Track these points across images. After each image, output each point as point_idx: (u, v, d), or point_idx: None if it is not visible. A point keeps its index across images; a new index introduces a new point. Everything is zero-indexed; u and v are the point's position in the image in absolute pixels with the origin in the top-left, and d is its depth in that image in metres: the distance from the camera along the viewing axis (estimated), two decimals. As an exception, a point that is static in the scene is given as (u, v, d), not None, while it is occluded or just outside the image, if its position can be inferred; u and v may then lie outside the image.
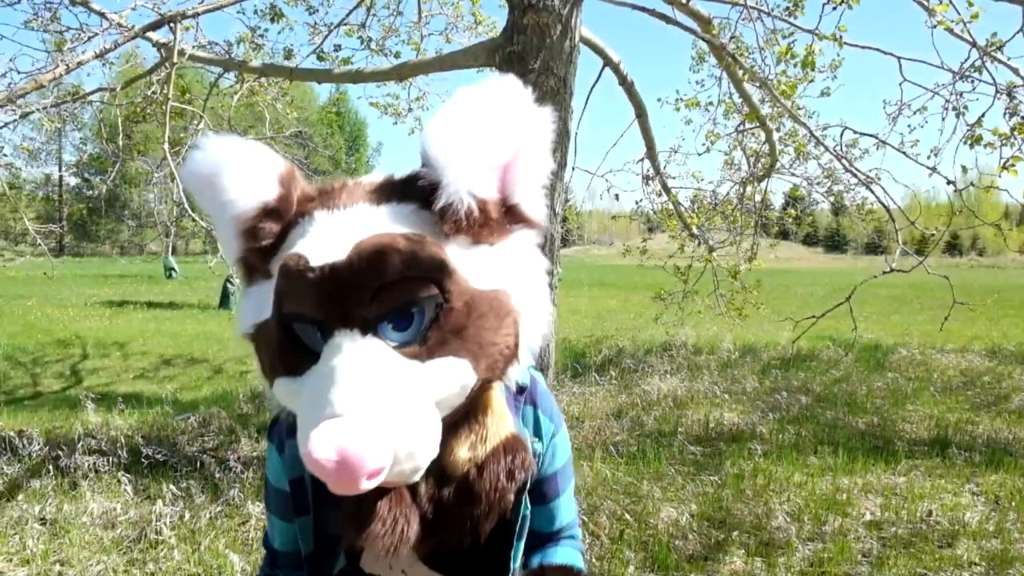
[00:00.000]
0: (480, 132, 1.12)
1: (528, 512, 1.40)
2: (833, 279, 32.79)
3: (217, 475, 4.89)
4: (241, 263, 1.22)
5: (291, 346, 1.12)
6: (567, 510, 1.50)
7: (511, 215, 1.20)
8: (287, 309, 1.11)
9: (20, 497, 4.50)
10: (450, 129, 1.12)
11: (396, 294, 1.07)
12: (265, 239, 1.17)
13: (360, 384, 1.03)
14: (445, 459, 1.22)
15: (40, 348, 11.18)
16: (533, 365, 1.43)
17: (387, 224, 1.11)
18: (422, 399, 1.08)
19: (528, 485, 1.37)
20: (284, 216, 1.17)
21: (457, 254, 1.13)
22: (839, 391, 8.09)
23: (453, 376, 1.11)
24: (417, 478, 1.12)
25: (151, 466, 5.07)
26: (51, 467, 4.89)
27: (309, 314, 1.09)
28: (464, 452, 1.25)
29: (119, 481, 4.67)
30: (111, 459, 4.98)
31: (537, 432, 1.40)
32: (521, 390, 1.39)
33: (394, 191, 1.18)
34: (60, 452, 5.06)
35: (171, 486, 4.57)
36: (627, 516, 4.35)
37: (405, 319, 1.09)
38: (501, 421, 1.28)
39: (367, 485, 1.00)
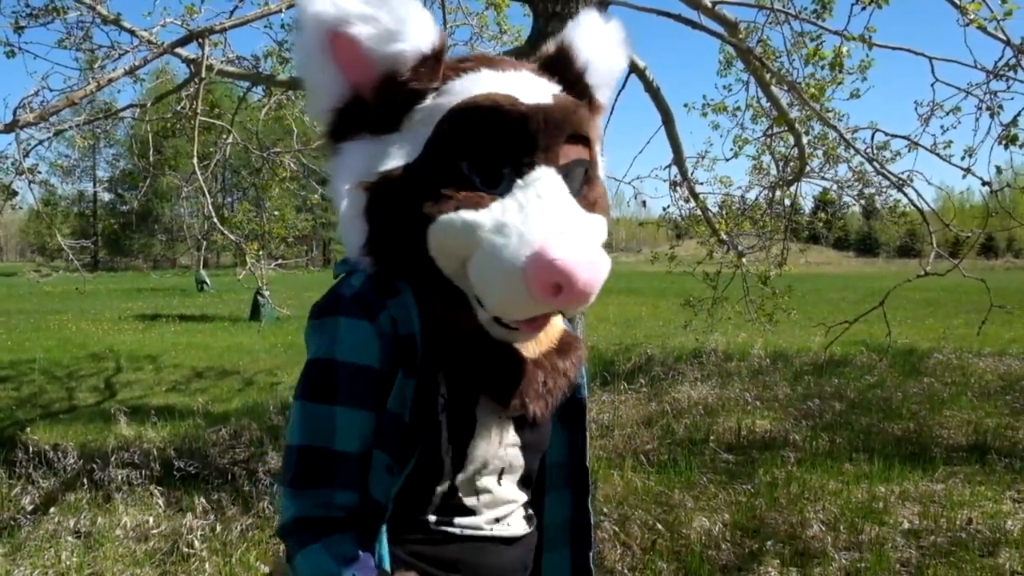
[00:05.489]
0: (607, 43, 1.34)
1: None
2: (865, 283, 32.37)
3: (247, 487, 4.90)
4: (341, 113, 1.21)
5: (463, 183, 1.15)
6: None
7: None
8: (482, 145, 1.15)
9: (55, 510, 4.55)
10: (593, 35, 1.32)
11: (578, 147, 1.22)
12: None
13: (574, 212, 1.17)
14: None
15: (75, 362, 11.33)
16: None
17: (559, 91, 1.24)
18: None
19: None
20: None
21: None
22: (874, 397, 7.96)
23: (603, 232, 1.24)
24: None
25: (183, 479, 5.10)
26: (85, 480, 4.94)
27: (510, 148, 1.15)
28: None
29: (152, 494, 4.70)
30: (144, 472, 5.02)
31: None
32: None
33: (546, 72, 1.29)
34: (94, 465, 5.11)
35: (202, 499, 4.60)
36: (659, 526, 4.29)
37: (574, 173, 1.22)
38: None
39: (591, 298, 1.10)
